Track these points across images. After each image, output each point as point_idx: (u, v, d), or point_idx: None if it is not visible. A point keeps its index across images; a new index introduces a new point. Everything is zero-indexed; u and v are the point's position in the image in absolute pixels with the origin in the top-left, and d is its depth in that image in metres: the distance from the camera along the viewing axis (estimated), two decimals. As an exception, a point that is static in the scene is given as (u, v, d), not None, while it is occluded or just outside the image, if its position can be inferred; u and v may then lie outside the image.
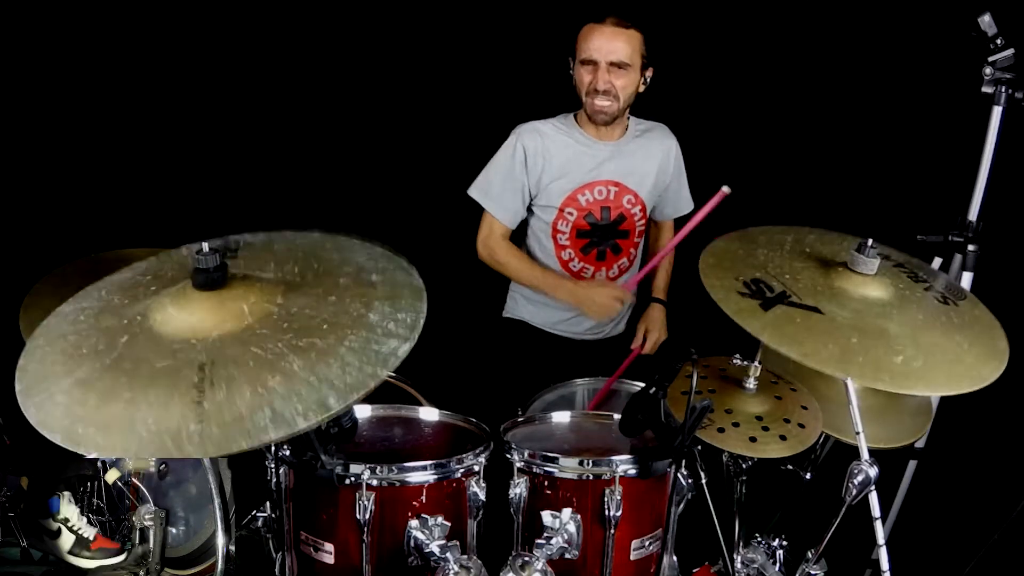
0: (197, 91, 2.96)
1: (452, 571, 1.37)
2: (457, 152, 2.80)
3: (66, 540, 2.27)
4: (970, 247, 2.23)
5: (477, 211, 2.38)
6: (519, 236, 2.48)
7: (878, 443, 1.83)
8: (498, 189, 2.33)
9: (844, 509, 1.59)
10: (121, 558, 2.28)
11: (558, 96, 2.37)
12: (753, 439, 1.69)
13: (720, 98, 3.02)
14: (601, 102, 2.22)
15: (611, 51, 2.18)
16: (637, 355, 2.33)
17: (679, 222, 2.57)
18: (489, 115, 2.54)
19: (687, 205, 2.53)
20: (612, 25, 2.19)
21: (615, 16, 2.20)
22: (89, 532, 2.29)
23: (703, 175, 2.62)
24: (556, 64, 2.33)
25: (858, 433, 1.61)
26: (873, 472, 1.58)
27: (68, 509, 2.29)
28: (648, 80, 2.28)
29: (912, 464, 2.43)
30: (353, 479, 1.44)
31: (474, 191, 2.36)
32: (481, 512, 1.57)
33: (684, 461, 1.59)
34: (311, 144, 3.12)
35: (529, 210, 2.39)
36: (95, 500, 2.33)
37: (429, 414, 1.79)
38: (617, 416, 1.63)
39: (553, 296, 2.36)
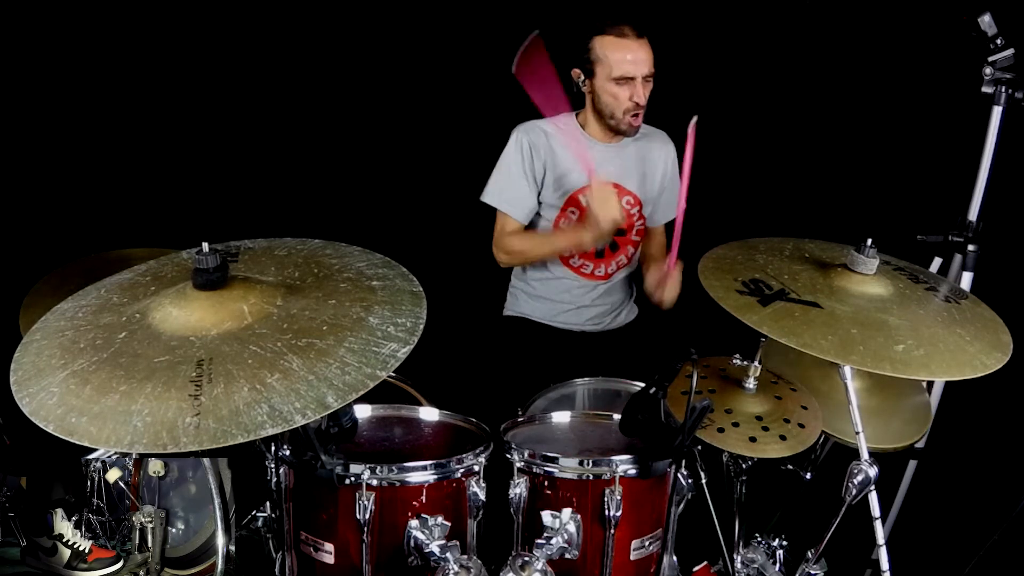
0: (200, 93, 2.97)
1: (452, 571, 1.37)
2: (459, 153, 2.81)
3: (62, 555, 2.27)
4: (970, 247, 2.22)
5: (477, 210, 2.37)
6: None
7: (878, 444, 1.83)
8: (508, 185, 2.33)
9: (844, 509, 1.60)
10: (118, 566, 2.29)
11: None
12: (753, 439, 1.69)
13: (719, 98, 3.02)
14: (638, 117, 2.19)
15: (645, 65, 2.14)
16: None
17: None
18: (489, 118, 2.54)
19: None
20: (635, 37, 2.14)
21: (629, 26, 2.14)
22: (84, 545, 2.29)
23: (703, 176, 2.62)
24: (556, 67, 2.33)
25: (858, 433, 1.61)
26: (873, 472, 1.58)
27: (61, 525, 2.29)
28: None
29: (912, 464, 2.43)
30: (353, 479, 1.44)
31: (486, 196, 2.35)
32: (481, 512, 1.57)
33: (684, 461, 1.59)
34: (312, 144, 3.12)
35: None
36: (95, 500, 2.32)
37: (429, 414, 1.78)
38: (617, 416, 1.63)
39: (582, 246, 2.27)
